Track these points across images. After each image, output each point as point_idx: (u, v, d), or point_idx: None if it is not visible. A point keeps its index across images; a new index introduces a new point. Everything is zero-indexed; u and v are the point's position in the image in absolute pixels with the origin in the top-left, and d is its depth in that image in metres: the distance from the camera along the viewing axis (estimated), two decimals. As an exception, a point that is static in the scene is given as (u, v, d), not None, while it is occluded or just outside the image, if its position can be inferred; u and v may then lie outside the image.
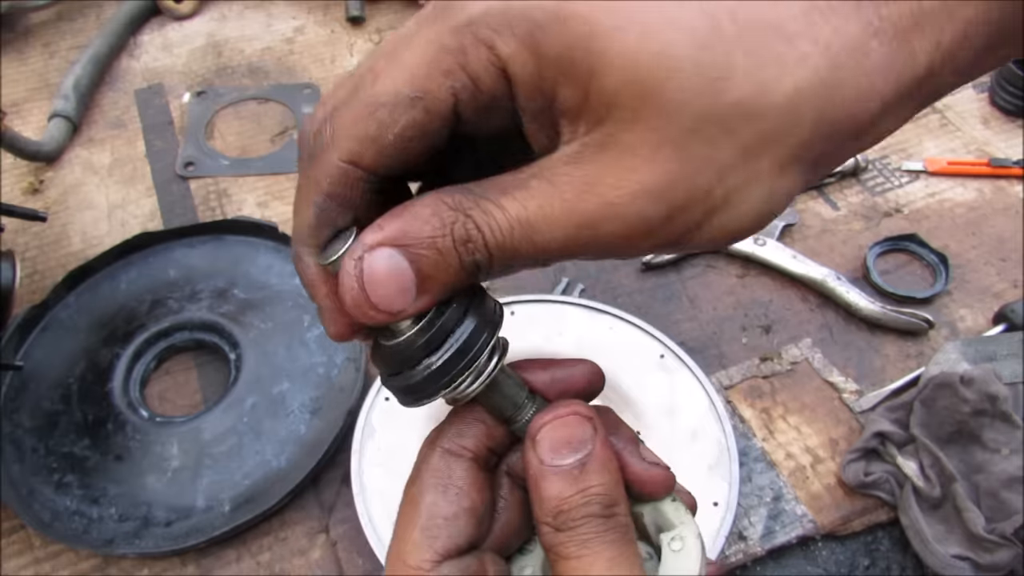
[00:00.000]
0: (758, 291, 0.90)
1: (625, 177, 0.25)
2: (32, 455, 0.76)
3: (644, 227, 0.26)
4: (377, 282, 0.26)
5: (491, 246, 0.26)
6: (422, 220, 0.27)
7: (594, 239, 0.26)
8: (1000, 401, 0.70)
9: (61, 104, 1.05)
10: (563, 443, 0.29)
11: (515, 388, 0.32)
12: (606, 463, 0.29)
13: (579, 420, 0.29)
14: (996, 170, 1.00)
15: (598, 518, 0.29)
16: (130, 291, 0.88)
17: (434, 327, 0.28)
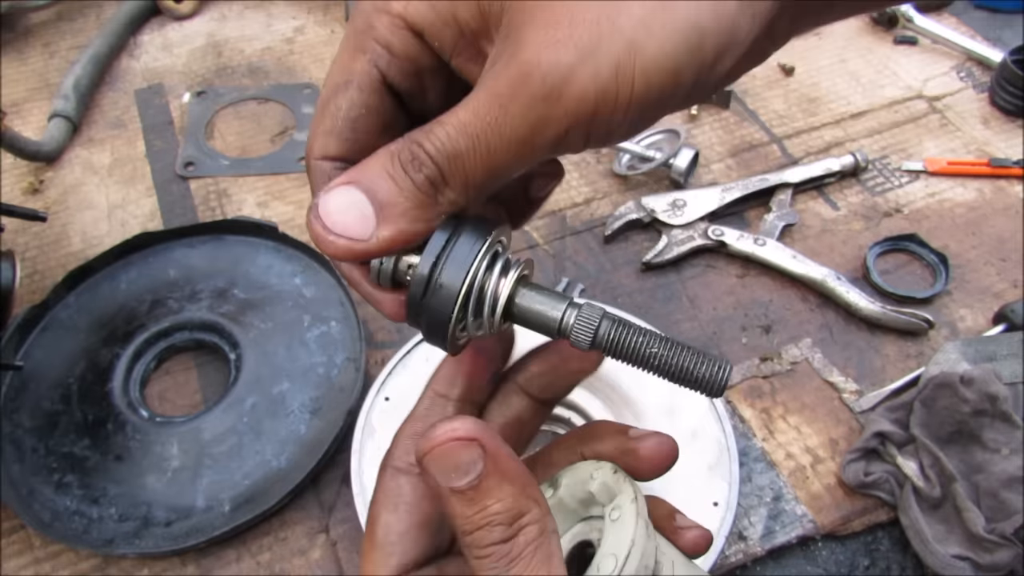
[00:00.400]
0: (758, 291, 0.90)
1: (528, 40, 0.26)
2: (32, 455, 0.76)
3: (562, 72, 0.25)
4: (333, 211, 0.28)
5: (436, 157, 0.28)
6: (372, 159, 0.29)
7: (524, 104, 0.26)
8: (1000, 401, 0.70)
9: (61, 104, 1.05)
10: (451, 468, 0.28)
11: (548, 299, 0.31)
12: (502, 479, 0.28)
13: (459, 446, 0.28)
14: (996, 170, 1.00)
15: (503, 543, 0.28)
16: (130, 291, 0.88)
17: (422, 255, 0.29)
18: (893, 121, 1.08)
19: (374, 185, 0.28)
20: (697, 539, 0.34)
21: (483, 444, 0.28)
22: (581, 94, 0.25)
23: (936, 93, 1.12)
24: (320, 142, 0.31)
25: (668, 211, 0.94)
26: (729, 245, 0.91)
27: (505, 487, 0.28)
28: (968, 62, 1.16)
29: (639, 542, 0.30)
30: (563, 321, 0.30)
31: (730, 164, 1.03)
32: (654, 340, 0.30)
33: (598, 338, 0.30)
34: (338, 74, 0.31)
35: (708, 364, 0.30)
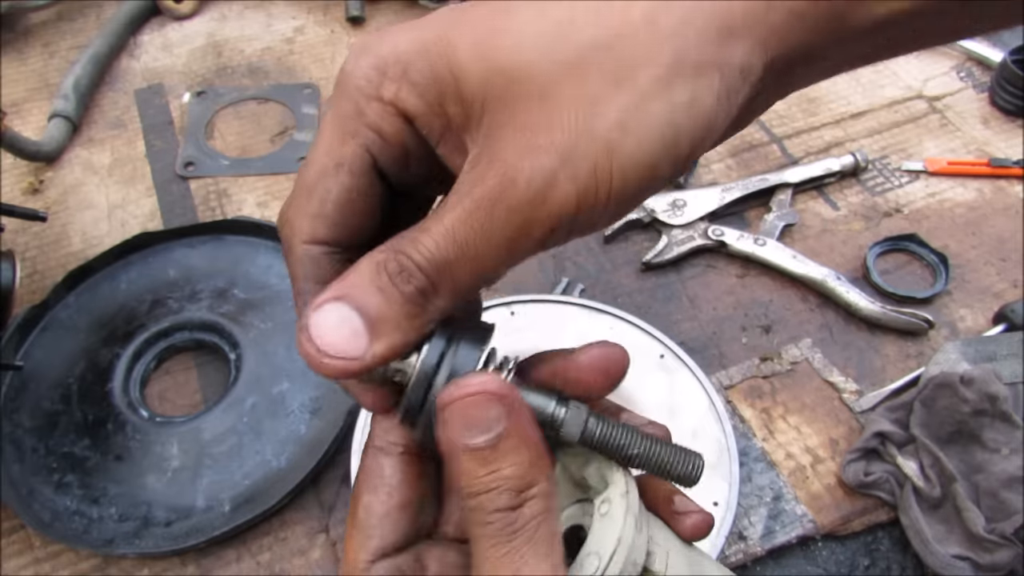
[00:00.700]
0: (758, 291, 0.90)
1: (510, 145, 0.27)
2: (32, 455, 0.76)
3: (544, 178, 0.26)
4: (325, 332, 0.28)
5: (424, 266, 0.28)
6: (358, 272, 0.28)
7: (507, 209, 0.27)
8: (1000, 401, 0.70)
9: (61, 104, 1.05)
10: (471, 423, 0.28)
11: (540, 397, 0.32)
12: (520, 443, 0.28)
13: (486, 400, 0.28)
14: (996, 170, 1.00)
15: (509, 511, 0.27)
16: (130, 291, 0.88)
17: (421, 362, 0.30)
18: (893, 121, 1.08)
19: (363, 300, 0.28)
20: (697, 524, 0.33)
21: (511, 403, 0.28)
22: (564, 197, 0.26)
23: (936, 93, 1.12)
24: (308, 225, 0.31)
25: (668, 211, 0.94)
26: (729, 245, 0.91)
27: (522, 452, 0.28)
28: (968, 62, 1.16)
29: (625, 541, 0.29)
30: (553, 419, 0.31)
31: (730, 164, 1.03)
32: (636, 438, 0.32)
33: (585, 436, 0.31)
34: (325, 156, 0.30)
35: (684, 461, 0.32)
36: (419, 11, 1.24)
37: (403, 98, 0.29)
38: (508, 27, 0.27)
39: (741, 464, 0.74)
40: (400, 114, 0.29)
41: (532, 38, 0.27)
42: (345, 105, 0.30)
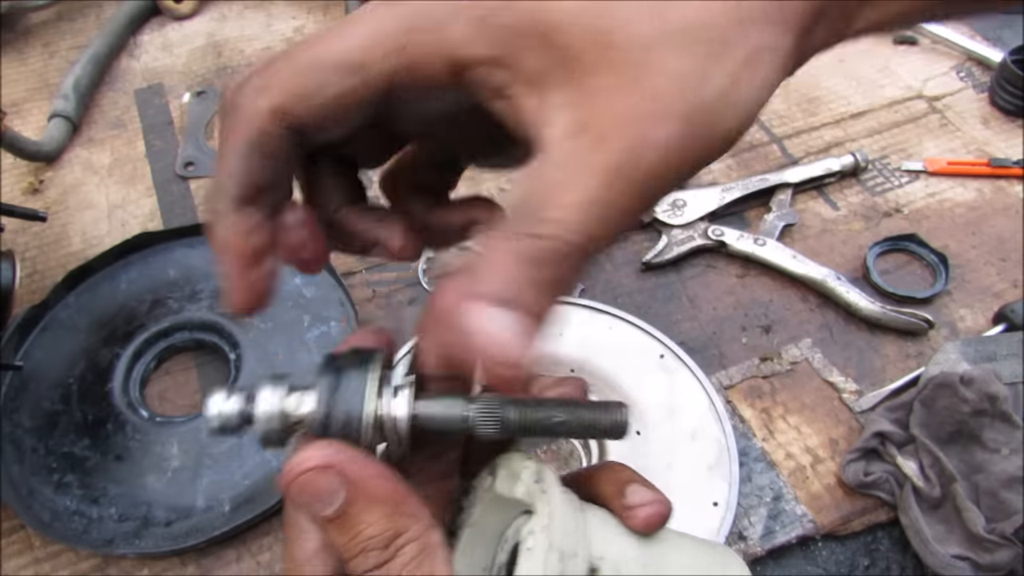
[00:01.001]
0: (758, 291, 0.90)
1: (630, 111, 0.26)
2: (32, 455, 0.76)
3: (675, 146, 0.26)
4: (500, 342, 0.26)
5: (581, 242, 0.26)
6: (511, 266, 0.26)
7: (643, 174, 0.26)
8: (1000, 401, 0.70)
9: (61, 104, 1.05)
10: (313, 499, 0.27)
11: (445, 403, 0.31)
12: (368, 503, 0.27)
13: (317, 475, 0.27)
14: (996, 170, 1.00)
15: (379, 568, 0.27)
16: (130, 291, 0.88)
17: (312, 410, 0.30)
18: (893, 121, 1.08)
19: (527, 301, 0.27)
20: (649, 518, 0.32)
21: (342, 470, 0.27)
22: (689, 162, 0.27)
23: (936, 93, 1.12)
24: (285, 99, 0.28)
25: (668, 211, 0.94)
26: (729, 245, 0.91)
27: (374, 510, 0.27)
28: (968, 62, 1.16)
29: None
30: (467, 419, 0.30)
31: (730, 164, 1.03)
32: (556, 408, 0.31)
33: (505, 424, 0.30)
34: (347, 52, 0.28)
35: (608, 413, 0.31)
36: (419, 11, 1.24)
37: (470, 44, 0.27)
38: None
39: (741, 464, 0.74)
40: (449, 61, 0.28)
41: (636, 7, 0.26)
42: (396, 20, 0.28)
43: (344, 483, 0.27)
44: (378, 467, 0.28)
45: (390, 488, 0.28)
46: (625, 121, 0.26)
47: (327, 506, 0.27)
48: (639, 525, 0.32)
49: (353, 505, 0.27)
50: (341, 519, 0.27)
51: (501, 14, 0.27)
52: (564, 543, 0.29)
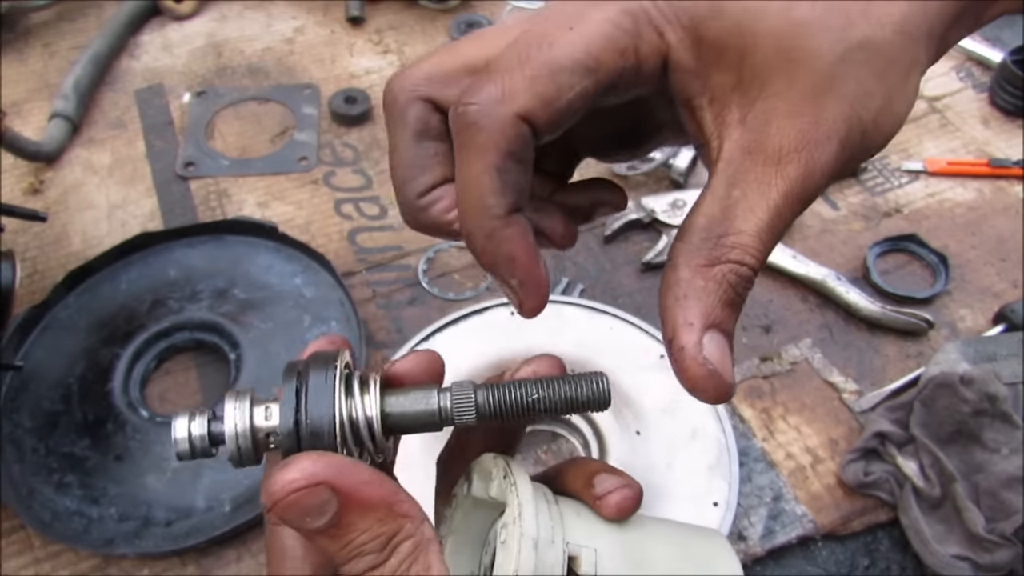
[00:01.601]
0: (758, 291, 0.90)
1: (802, 136, 0.28)
2: (32, 455, 0.76)
3: (832, 167, 0.29)
4: (723, 364, 0.29)
5: (756, 266, 0.30)
6: (705, 293, 0.30)
7: (808, 196, 0.29)
8: (1000, 401, 0.70)
9: (61, 104, 1.05)
10: (302, 515, 0.26)
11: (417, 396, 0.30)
12: (361, 511, 0.27)
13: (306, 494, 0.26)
14: (996, 170, 1.00)
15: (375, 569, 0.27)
16: (130, 291, 0.88)
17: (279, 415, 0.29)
18: (893, 121, 1.08)
19: (726, 322, 0.30)
20: (619, 503, 0.32)
21: (330, 483, 0.26)
22: (834, 179, 0.30)
23: (936, 93, 1.12)
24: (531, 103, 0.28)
25: (668, 211, 0.94)
26: (729, 245, 0.91)
27: (367, 517, 0.27)
28: (968, 62, 1.16)
29: (524, 571, 0.28)
30: (441, 410, 0.30)
31: (730, 164, 1.03)
32: (530, 386, 0.30)
33: (480, 410, 0.30)
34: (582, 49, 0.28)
35: (586, 384, 0.31)
36: (419, 11, 1.24)
37: (680, 49, 0.29)
38: (798, 11, 0.28)
39: (741, 464, 0.74)
40: (664, 60, 0.29)
41: (822, 28, 0.28)
42: (625, 19, 0.29)
43: (334, 496, 0.27)
44: (366, 472, 0.28)
45: (381, 492, 0.28)
46: (798, 146, 0.28)
47: (318, 519, 0.27)
48: (611, 512, 0.32)
49: (346, 515, 0.27)
50: (333, 529, 0.27)
51: (708, 25, 0.28)
52: (537, 532, 0.29)
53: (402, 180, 0.32)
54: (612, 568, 0.30)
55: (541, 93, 0.28)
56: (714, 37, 0.28)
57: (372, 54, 1.19)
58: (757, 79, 0.28)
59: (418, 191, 0.32)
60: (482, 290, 0.89)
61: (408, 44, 1.20)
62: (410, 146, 0.32)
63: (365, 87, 1.12)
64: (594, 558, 0.30)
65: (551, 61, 0.28)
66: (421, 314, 0.87)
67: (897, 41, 0.29)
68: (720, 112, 0.29)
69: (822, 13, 0.28)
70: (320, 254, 0.88)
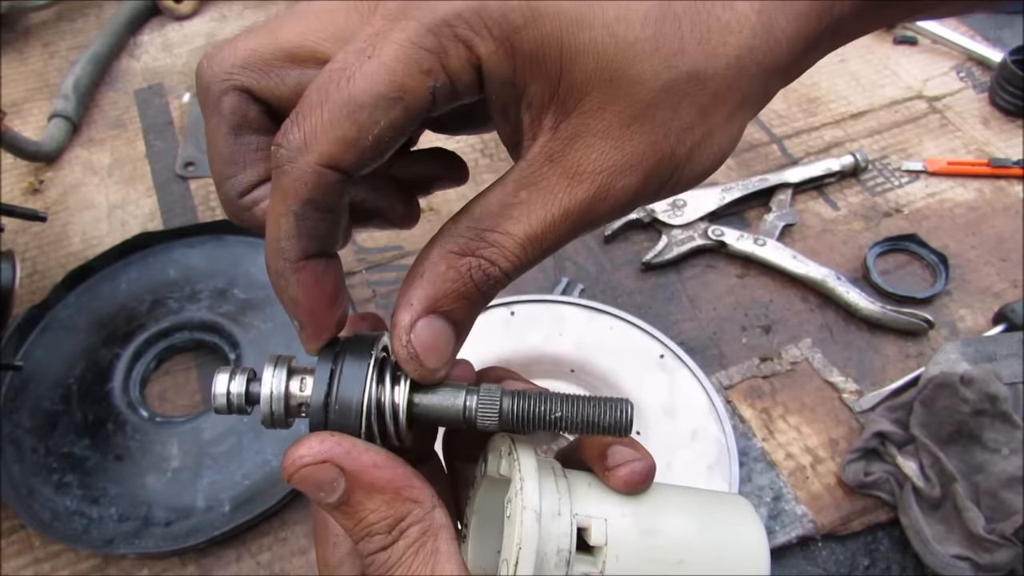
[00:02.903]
0: (758, 291, 0.90)
1: (605, 159, 0.28)
2: (32, 455, 0.76)
3: (629, 196, 0.28)
4: (428, 347, 0.29)
5: (509, 271, 0.29)
6: (441, 279, 0.29)
7: (590, 220, 0.29)
8: (1000, 401, 0.70)
9: (61, 104, 1.05)
10: (315, 489, 0.28)
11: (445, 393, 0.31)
12: (368, 492, 0.28)
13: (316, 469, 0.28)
14: (996, 170, 1.00)
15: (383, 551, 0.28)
16: (130, 291, 0.88)
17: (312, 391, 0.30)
18: (893, 121, 1.08)
19: (453, 310, 0.29)
20: (629, 476, 0.32)
21: (338, 462, 0.28)
22: (632, 209, 0.29)
23: (936, 93, 1.12)
24: (335, 148, 0.27)
25: (668, 211, 0.94)
26: (729, 245, 0.91)
27: (375, 498, 0.28)
28: (968, 62, 1.16)
29: (528, 542, 0.29)
30: (466, 411, 0.31)
31: (730, 164, 1.03)
32: (556, 402, 0.31)
33: (503, 416, 0.31)
34: (384, 81, 0.26)
35: (610, 409, 0.31)
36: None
37: (493, 60, 0.27)
38: (627, 28, 0.27)
39: (741, 464, 0.74)
40: (478, 71, 0.27)
41: (649, 52, 0.27)
42: (426, 36, 0.26)
43: (341, 475, 0.28)
44: (377, 456, 0.29)
45: (389, 476, 0.29)
46: (596, 168, 0.28)
47: (330, 495, 0.28)
48: (619, 484, 0.32)
49: (354, 494, 0.28)
50: (344, 506, 0.28)
51: (524, 35, 0.26)
52: (540, 504, 0.30)
53: (221, 177, 0.31)
54: (624, 538, 0.30)
55: (342, 137, 0.26)
56: (530, 48, 0.26)
57: (372, 54, 1.19)
58: (574, 94, 0.27)
59: (239, 189, 0.31)
60: (482, 290, 0.89)
61: (408, 44, 1.20)
62: (228, 140, 0.31)
63: (365, 87, 1.12)
64: (604, 528, 0.30)
65: (350, 99, 0.26)
66: (421, 314, 0.87)
67: (730, 75, 0.28)
68: (536, 117, 0.28)
69: (652, 35, 0.27)
70: (320, 254, 0.88)
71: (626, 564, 0.30)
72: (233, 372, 0.31)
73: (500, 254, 0.28)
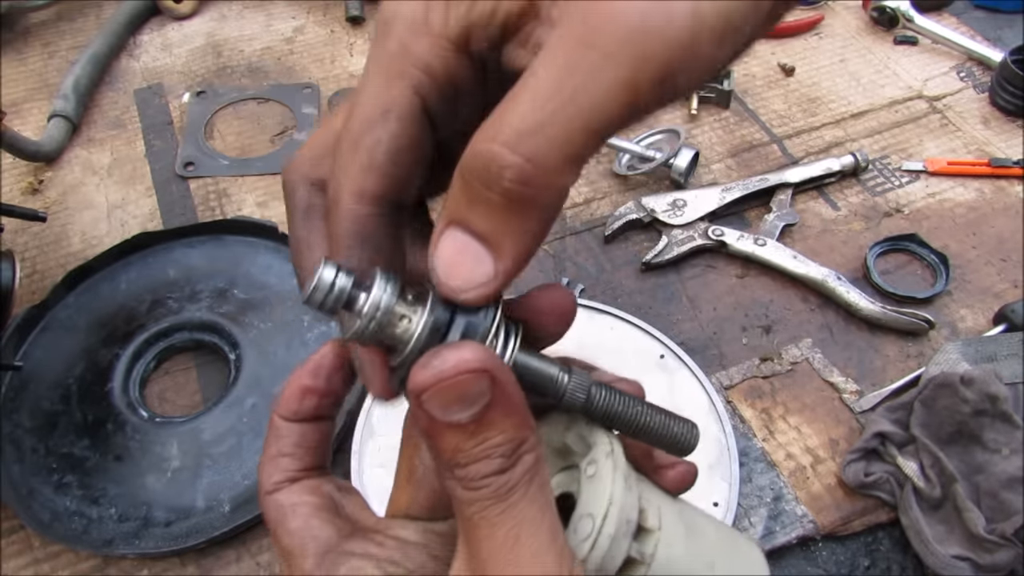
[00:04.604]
0: (758, 291, 0.90)
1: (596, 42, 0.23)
2: (32, 455, 0.76)
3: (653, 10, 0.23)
4: (450, 266, 0.27)
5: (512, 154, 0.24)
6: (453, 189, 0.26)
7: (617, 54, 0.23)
8: (1000, 401, 0.70)
9: (61, 104, 1.05)
10: (457, 402, 0.26)
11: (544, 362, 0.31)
12: (507, 410, 0.27)
13: (471, 378, 0.26)
14: (996, 170, 1.00)
15: (501, 474, 0.27)
16: (130, 291, 0.88)
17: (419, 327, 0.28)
18: (893, 121, 1.08)
19: (467, 218, 0.26)
20: (682, 475, 0.33)
21: (493, 374, 0.26)
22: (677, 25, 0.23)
23: (936, 93, 1.12)
24: (358, 180, 0.28)
25: (668, 211, 0.94)
26: (729, 245, 0.91)
27: (509, 419, 0.27)
28: (968, 62, 1.16)
29: (617, 500, 0.29)
30: (559, 380, 0.31)
31: (730, 164, 1.03)
32: (640, 407, 0.31)
33: (590, 399, 0.31)
34: (371, 103, 0.28)
35: (681, 430, 0.32)
36: (419, 11, 1.24)
37: (453, 24, 0.27)
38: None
39: (741, 464, 0.74)
40: (452, 44, 0.27)
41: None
42: (390, 44, 0.28)
43: (491, 388, 0.26)
44: (512, 374, 0.28)
45: (522, 398, 0.28)
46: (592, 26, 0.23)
47: (468, 409, 0.26)
48: (671, 483, 0.33)
49: (492, 411, 0.26)
50: (474, 424, 0.26)
51: None
52: (627, 471, 0.30)
53: (297, 260, 0.33)
54: (673, 529, 0.31)
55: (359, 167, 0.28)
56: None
57: (372, 54, 1.19)
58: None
59: (310, 268, 0.32)
60: (482, 290, 0.89)
61: (408, 44, 1.20)
62: (300, 226, 0.33)
63: (365, 87, 1.12)
64: (659, 514, 0.31)
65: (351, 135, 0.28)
66: (421, 314, 0.87)
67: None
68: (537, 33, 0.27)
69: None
70: (320, 254, 0.88)
71: (671, 553, 0.31)
72: (339, 267, 0.28)
73: (493, 132, 0.24)
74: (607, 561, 0.29)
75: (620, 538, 0.29)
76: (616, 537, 0.29)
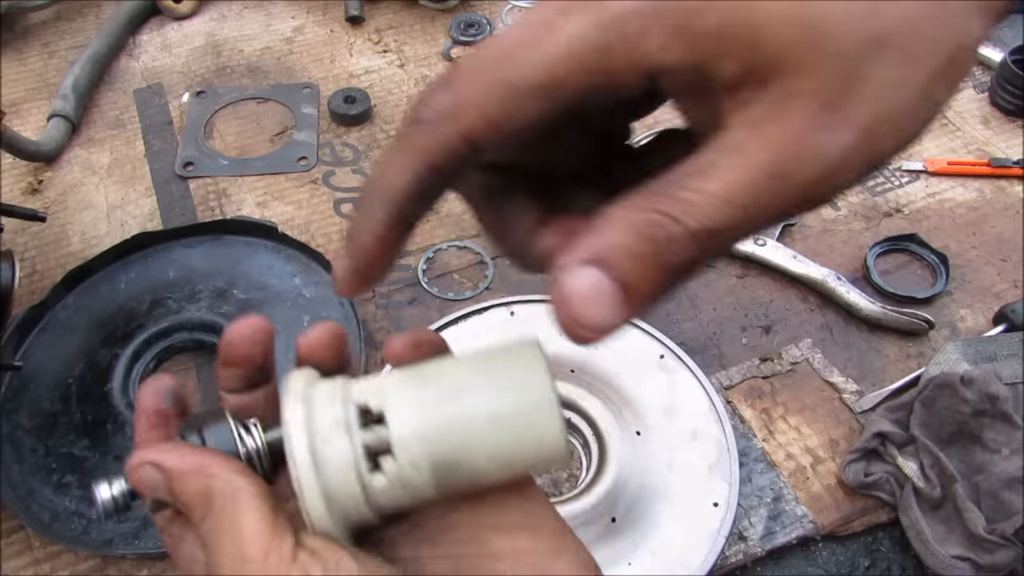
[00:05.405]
0: (758, 291, 0.90)
1: (808, 118, 0.25)
2: (31, 455, 0.76)
3: (838, 154, 0.25)
4: (582, 301, 0.26)
5: (696, 231, 0.25)
6: (616, 231, 0.26)
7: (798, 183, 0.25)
8: (1000, 401, 0.70)
9: (60, 104, 1.05)
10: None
11: None
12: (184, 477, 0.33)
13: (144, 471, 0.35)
14: (996, 170, 1.00)
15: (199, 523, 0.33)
16: (129, 291, 0.88)
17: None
18: (893, 121, 1.08)
19: (623, 268, 0.25)
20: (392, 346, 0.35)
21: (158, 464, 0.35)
22: (847, 176, 0.25)
23: (936, 93, 1.12)
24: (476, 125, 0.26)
25: (668, 211, 0.94)
26: (729, 245, 0.91)
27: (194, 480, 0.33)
28: (968, 62, 1.16)
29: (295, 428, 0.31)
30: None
31: (730, 164, 1.03)
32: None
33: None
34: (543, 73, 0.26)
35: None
36: (418, 11, 1.24)
37: (668, 49, 0.25)
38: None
39: (741, 464, 0.73)
40: (645, 68, 0.26)
41: (842, 9, 0.25)
42: (594, 32, 0.25)
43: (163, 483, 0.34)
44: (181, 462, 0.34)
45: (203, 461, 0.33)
46: (801, 128, 0.25)
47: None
48: (389, 356, 0.35)
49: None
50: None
51: (702, 18, 0.25)
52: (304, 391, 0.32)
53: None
54: (402, 394, 0.31)
55: (489, 116, 0.26)
56: (710, 30, 0.25)
57: (372, 54, 1.19)
58: (773, 62, 0.25)
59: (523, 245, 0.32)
60: (482, 290, 0.89)
61: (408, 44, 1.20)
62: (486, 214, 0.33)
63: (365, 87, 1.12)
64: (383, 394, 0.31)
65: (505, 82, 0.26)
66: (420, 314, 0.87)
67: (940, 23, 0.25)
68: (730, 92, 0.26)
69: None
70: (320, 254, 0.88)
71: (409, 417, 0.31)
72: (110, 479, 0.36)
73: (684, 210, 0.25)
74: (332, 481, 0.30)
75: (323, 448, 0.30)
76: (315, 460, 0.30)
